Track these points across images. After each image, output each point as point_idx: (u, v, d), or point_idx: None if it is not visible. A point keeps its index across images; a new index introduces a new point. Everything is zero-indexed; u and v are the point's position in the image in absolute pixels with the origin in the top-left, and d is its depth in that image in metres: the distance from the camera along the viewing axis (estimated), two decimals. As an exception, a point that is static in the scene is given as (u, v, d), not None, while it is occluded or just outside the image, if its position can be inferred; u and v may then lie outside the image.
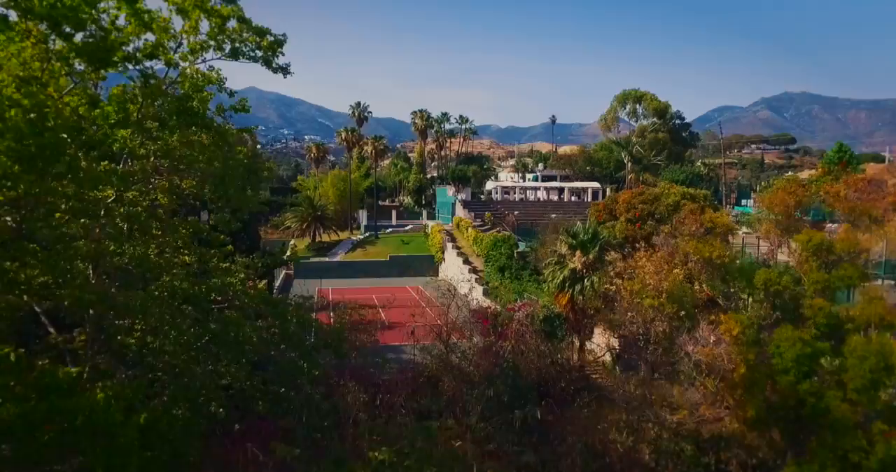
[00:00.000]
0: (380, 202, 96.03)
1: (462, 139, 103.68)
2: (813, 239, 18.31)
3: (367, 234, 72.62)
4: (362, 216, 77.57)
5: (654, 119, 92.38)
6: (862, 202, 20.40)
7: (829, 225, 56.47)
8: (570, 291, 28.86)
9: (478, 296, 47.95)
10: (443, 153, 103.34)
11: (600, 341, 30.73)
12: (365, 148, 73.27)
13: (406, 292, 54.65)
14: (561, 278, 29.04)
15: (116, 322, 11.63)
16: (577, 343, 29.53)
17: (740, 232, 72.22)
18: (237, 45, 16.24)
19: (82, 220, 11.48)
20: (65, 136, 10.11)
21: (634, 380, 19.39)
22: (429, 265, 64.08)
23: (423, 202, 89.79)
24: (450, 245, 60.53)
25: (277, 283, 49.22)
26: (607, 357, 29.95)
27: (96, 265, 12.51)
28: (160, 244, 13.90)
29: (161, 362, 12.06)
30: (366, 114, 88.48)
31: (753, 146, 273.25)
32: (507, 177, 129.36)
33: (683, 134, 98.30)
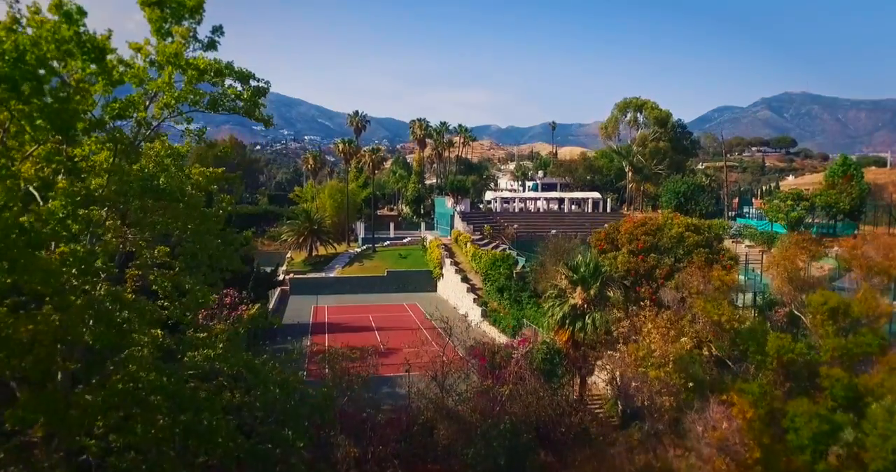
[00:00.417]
0: (378, 211, 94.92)
1: (461, 145, 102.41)
2: (828, 302, 17.17)
3: (364, 247, 71.56)
4: (360, 228, 76.50)
5: (655, 127, 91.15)
6: (881, 261, 19.30)
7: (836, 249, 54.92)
8: (571, 327, 27.88)
9: (476, 317, 46.97)
10: (443, 157, 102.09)
11: (602, 375, 29.76)
12: (363, 160, 72.17)
13: (403, 310, 53.65)
14: (560, 314, 28.05)
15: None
16: (577, 381, 28.56)
17: (743, 245, 71.29)
18: (216, 96, 15.25)
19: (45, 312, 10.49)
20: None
21: (638, 437, 18.38)
22: (427, 280, 63.16)
23: (422, 212, 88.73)
24: (448, 261, 59.48)
25: (272, 305, 48.15)
26: (608, 393, 29.00)
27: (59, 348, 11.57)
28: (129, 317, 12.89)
29: (126, 461, 11.04)
30: (364, 122, 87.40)
31: (754, 149, 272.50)
32: (506, 184, 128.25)
33: (685, 142, 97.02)
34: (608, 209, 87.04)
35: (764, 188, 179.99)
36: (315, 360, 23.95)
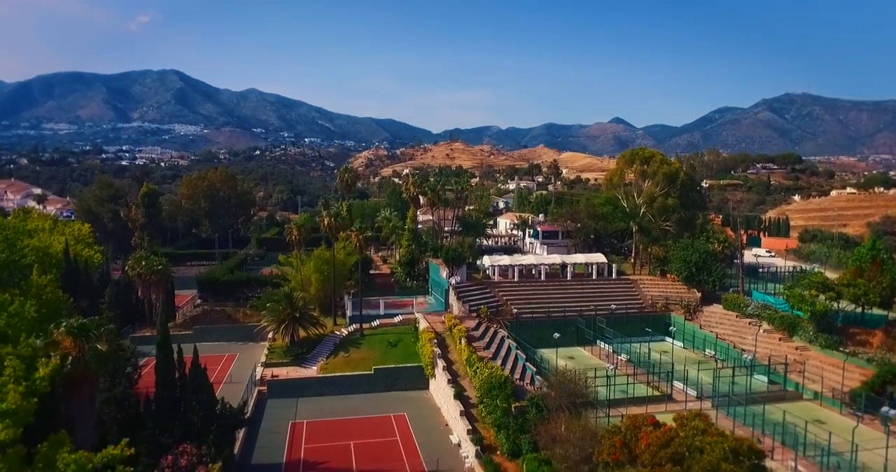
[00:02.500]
0: (372, 265, 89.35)
1: (460, 205, 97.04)
2: None
3: (352, 327, 66.49)
4: (348, 304, 71.31)
5: (664, 183, 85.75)
6: None
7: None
8: None
9: (470, 455, 41.78)
10: (440, 210, 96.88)
11: None
12: (350, 238, 67.02)
13: (390, 428, 48.48)
14: None
15: None
16: None
17: (761, 330, 65.75)
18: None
19: None
20: None
21: None
22: (418, 375, 58.04)
23: (416, 274, 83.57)
24: (441, 363, 54.24)
25: (239, 443, 42.76)
26: None
27: None
28: None
29: None
30: (354, 179, 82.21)
31: (759, 166, 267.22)
32: (505, 226, 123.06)
33: (692, 194, 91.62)
34: (613, 274, 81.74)
35: (771, 217, 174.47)
36: None
